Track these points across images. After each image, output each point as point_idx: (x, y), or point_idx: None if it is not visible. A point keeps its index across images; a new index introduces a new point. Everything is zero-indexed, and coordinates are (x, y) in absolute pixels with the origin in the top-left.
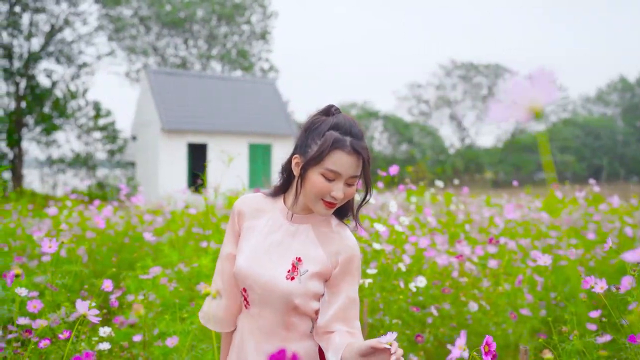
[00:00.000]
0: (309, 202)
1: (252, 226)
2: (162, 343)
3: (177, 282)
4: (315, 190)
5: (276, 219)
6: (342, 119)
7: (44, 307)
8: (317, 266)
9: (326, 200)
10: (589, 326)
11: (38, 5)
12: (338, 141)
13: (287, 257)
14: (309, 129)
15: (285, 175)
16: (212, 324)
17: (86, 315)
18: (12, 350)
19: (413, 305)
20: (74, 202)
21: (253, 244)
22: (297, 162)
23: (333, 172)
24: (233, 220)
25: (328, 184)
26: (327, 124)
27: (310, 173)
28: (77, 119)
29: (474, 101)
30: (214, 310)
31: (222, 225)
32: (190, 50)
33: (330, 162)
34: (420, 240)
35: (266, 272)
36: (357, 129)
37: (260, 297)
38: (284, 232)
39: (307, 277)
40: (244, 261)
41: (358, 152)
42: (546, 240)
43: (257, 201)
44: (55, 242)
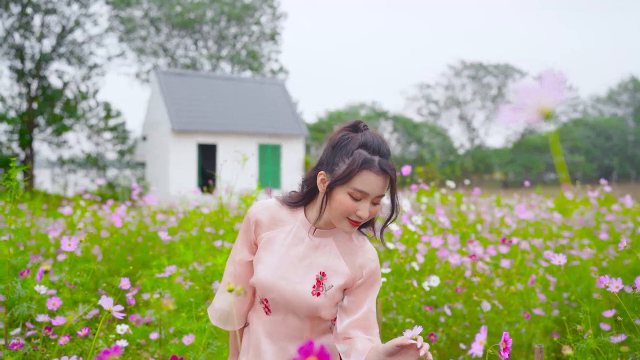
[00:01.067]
0: (333, 219)
1: (272, 237)
2: (178, 341)
3: (192, 281)
4: (341, 209)
5: (298, 232)
6: (370, 137)
7: (63, 305)
8: (341, 279)
9: (351, 219)
10: (603, 326)
11: (49, 6)
12: (367, 161)
13: (312, 272)
14: (336, 146)
15: (308, 189)
16: (222, 323)
17: (111, 311)
18: (32, 347)
19: (426, 304)
20: (87, 202)
21: (276, 257)
22: (322, 178)
23: (361, 192)
24: (249, 228)
25: (355, 203)
26: (356, 142)
27: (336, 192)
28: (88, 119)
29: (483, 101)
30: (217, 304)
31: (236, 225)
32: (200, 51)
33: (358, 182)
34: (432, 240)
35: (291, 287)
36: (385, 148)
37: (284, 308)
38: (307, 246)
39: (332, 290)
40: (268, 274)
41: (386, 172)
42: (558, 241)
43: (275, 210)
44: (74, 240)
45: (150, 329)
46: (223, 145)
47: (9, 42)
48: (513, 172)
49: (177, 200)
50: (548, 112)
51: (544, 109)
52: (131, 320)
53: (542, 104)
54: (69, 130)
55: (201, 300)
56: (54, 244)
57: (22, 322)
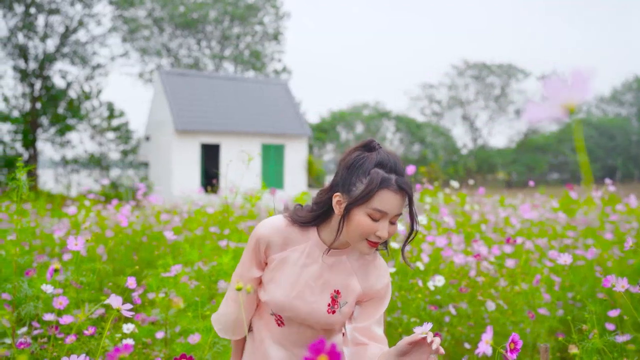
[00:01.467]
0: (351, 241)
1: (284, 258)
2: (184, 340)
3: (197, 280)
4: (360, 231)
5: (311, 252)
6: (385, 156)
7: (69, 304)
8: (354, 295)
9: (370, 239)
10: (608, 325)
11: (53, 6)
12: (385, 180)
13: (327, 291)
14: (351, 166)
15: (323, 210)
16: (224, 332)
17: (120, 309)
18: (39, 346)
19: (430, 304)
20: (92, 201)
21: (290, 277)
22: (339, 200)
23: (380, 212)
24: (259, 250)
25: (374, 223)
26: (372, 161)
27: (355, 213)
28: (91, 119)
29: (486, 101)
30: (224, 318)
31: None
32: (203, 51)
33: (377, 202)
34: (437, 240)
35: (307, 306)
36: (400, 166)
37: (300, 324)
38: (321, 266)
39: (347, 307)
40: (283, 295)
41: (404, 190)
42: (563, 241)
43: (287, 231)
44: (81, 239)
45: (155, 328)
46: (226, 145)
47: (12, 42)
48: (516, 172)
49: (180, 200)
50: (572, 107)
51: (569, 105)
52: (137, 319)
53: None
54: (72, 130)
55: (207, 299)
56: (58, 243)
57: (29, 321)
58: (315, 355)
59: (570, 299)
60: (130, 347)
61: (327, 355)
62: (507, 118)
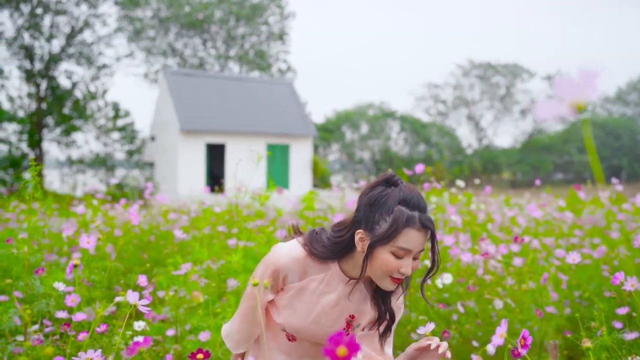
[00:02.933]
0: (374, 277)
1: (303, 287)
2: (194, 337)
3: (207, 278)
4: (384, 268)
5: (331, 281)
6: (408, 193)
7: (80, 302)
8: (368, 318)
9: (394, 276)
10: (615, 324)
11: (59, 7)
12: (410, 219)
13: (342, 317)
14: (374, 204)
15: (342, 247)
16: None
17: (137, 305)
18: (51, 344)
19: (438, 302)
20: (100, 201)
21: (308, 305)
22: (361, 237)
23: (404, 249)
24: (276, 277)
25: (398, 261)
26: (395, 198)
27: (379, 251)
28: (96, 119)
29: (491, 101)
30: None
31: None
32: (208, 51)
33: (401, 240)
34: (444, 238)
35: (323, 331)
36: (423, 202)
37: (313, 342)
38: (339, 294)
39: (359, 328)
40: (300, 321)
41: (427, 227)
42: (569, 240)
43: (306, 262)
44: (92, 237)
45: (166, 325)
46: (231, 145)
47: (18, 42)
48: (521, 172)
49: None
50: (581, 105)
51: (577, 103)
52: (147, 317)
53: (577, 98)
54: (78, 130)
55: (216, 297)
56: (67, 242)
57: (40, 319)
58: (334, 346)
59: (578, 297)
60: (149, 340)
61: (346, 346)
62: (512, 118)
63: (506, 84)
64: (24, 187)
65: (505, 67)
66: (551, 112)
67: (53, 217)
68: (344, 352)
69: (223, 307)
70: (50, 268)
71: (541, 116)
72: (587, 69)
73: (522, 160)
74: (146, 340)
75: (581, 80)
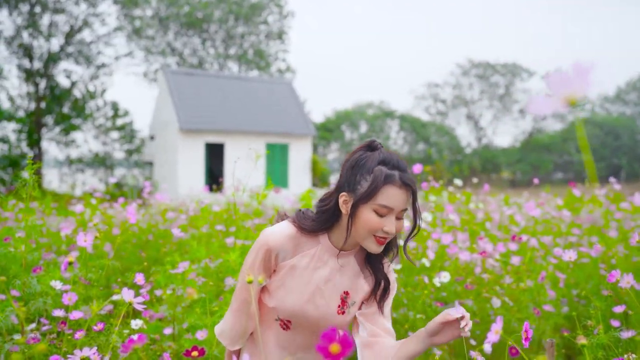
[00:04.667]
0: (359, 239)
1: (295, 264)
2: (192, 336)
3: (204, 277)
4: (367, 227)
5: (321, 255)
6: (388, 154)
7: (77, 300)
8: (362, 294)
9: (378, 236)
10: (612, 322)
11: (57, 6)
12: (389, 176)
13: (337, 293)
14: (355, 166)
15: (329, 215)
16: (228, 343)
17: (132, 303)
18: (48, 342)
19: (436, 300)
20: (98, 200)
21: (301, 282)
22: (345, 199)
23: (386, 207)
24: (269, 258)
25: (380, 220)
26: (374, 159)
27: (361, 210)
28: (96, 119)
29: (490, 100)
30: (233, 332)
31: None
32: (207, 51)
33: (382, 197)
34: (442, 237)
35: (318, 310)
36: (403, 163)
37: (309, 328)
38: (331, 269)
39: (355, 306)
40: (295, 300)
41: (408, 185)
42: (567, 238)
43: (297, 238)
44: (90, 236)
45: (163, 324)
46: (231, 144)
47: (17, 41)
48: (520, 172)
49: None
50: (574, 100)
51: (571, 98)
52: (144, 315)
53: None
54: (77, 129)
55: (214, 296)
56: (65, 241)
57: (37, 317)
58: (327, 343)
59: (575, 296)
60: (144, 337)
61: (340, 343)
62: (512, 117)
63: (505, 84)
64: (21, 185)
65: (504, 66)
66: (545, 107)
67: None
68: (337, 349)
69: (220, 305)
70: (48, 267)
71: (535, 110)
72: (580, 64)
73: (522, 159)
74: (141, 338)
75: (574, 75)
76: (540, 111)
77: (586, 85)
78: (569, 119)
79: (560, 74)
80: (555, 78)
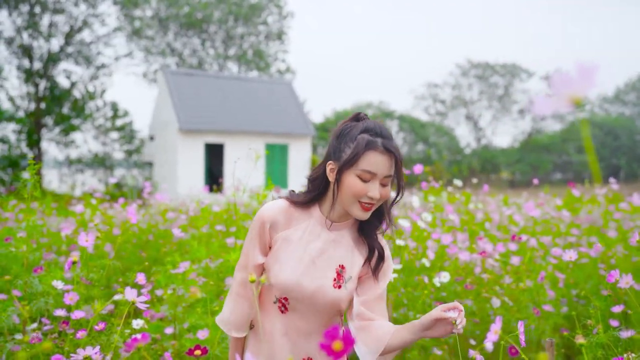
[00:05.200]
0: (345, 206)
1: (288, 236)
2: (193, 336)
3: (205, 277)
4: (351, 193)
5: (314, 228)
6: (371, 123)
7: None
8: (357, 269)
9: (363, 201)
10: (611, 322)
11: (57, 6)
12: (370, 142)
13: (331, 266)
14: (340, 135)
15: (317, 184)
16: (229, 329)
17: (135, 302)
18: (50, 341)
19: (436, 300)
20: (98, 200)
21: (295, 256)
22: (331, 167)
23: (368, 172)
24: (264, 231)
25: (364, 185)
26: (358, 128)
27: (345, 176)
28: (95, 119)
29: (490, 101)
30: (233, 316)
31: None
32: (207, 51)
33: (364, 163)
34: (442, 237)
35: (313, 284)
36: (386, 131)
37: (306, 306)
38: (324, 241)
39: (351, 282)
40: (290, 274)
41: (390, 151)
42: (567, 238)
43: (288, 211)
44: (91, 236)
45: (164, 324)
46: (230, 144)
47: (17, 41)
48: (520, 172)
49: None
50: (579, 100)
51: (575, 97)
52: (145, 315)
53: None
54: (77, 130)
55: (214, 296)
56: (65, 241)
57: (39, 317)
58: (330, 340)
59: (575, 296)
60: (147, 336)
61: (342, 340)
62: (511, 118)
63: (504, 84)
64: (23, 186)
65: (503, 67)
66: (549, 107)
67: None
68: (340, 347)
69: (221, 305)
70: (49, 267)
71: (539, 111)
72: (584, 64)
73: (521, 160)
74: (144, 337)
75: (579, 75)
76: (544, 111)
77: (591, 86)
78: (569, 119)
79: (564, 74)
80: (559, 78)
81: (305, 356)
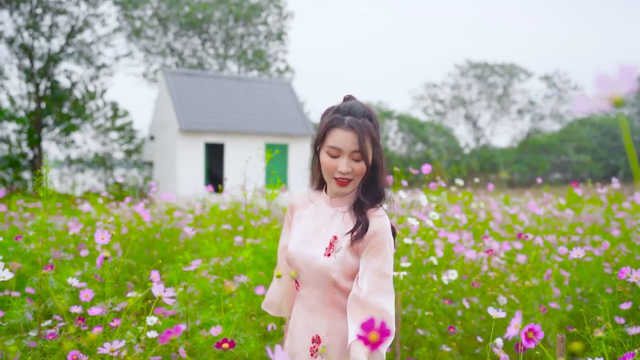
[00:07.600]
0: (327, 183)
1: (301, 214)
2: (206, 332)
3: (216, 275)
4: (325, 169)
5: (320, 206)
6: (344, 103)
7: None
8: (347, 241)
9: (336, 177)
10: (617, 319)
11: (58, 6)
12: (335, 119)
13: (327, 237)
14: (321, 119)
15: (313, 165)
16: (271, 309)
17: (162, 297)
18: (66, 337)
19: (443, 298)
20: (105, 199)
21: (301, 229)
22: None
23: (334, 148)
24: (290, 213)
25: (333, 160)
26: (333, 109)
27: (321, 155)
28: (95, 119)
29: (489, 101)
30: (273, 297)
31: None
32: (207, 51)
33: (330, 139)
34: (449, 236)
35: (311, 251)
36: (358, 109)
37: (306, 276)
38: (325, 216)
39: (341, 252)
40: (295, 244)
41: (353, 128)
42: (571, 237)
43: (307, 194)
44: (107, 234)
45: (175, 321)
46: (230, 144)
47: (18, 41)
48: (519, 172)
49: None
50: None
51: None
52: (157, 313)
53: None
54: (77, 129)
55: (225, 293)
56: (72, 239)
57: (53, 314)
58: (366, 332)
59: (580, 294)
60: (180, 329)
61: (378, 332)
62: (510, 118)
63: (503, 84)
64: (38, 183)
65: (502, 67)
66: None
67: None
68: (376, 337)
69: (233, 302)
70: (63, 264)
71: (580, 109)
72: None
73: (520, 160)
74: (177, 329)
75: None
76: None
77: (630, 85)
78: (567, 119)
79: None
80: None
81: (314, 334)
